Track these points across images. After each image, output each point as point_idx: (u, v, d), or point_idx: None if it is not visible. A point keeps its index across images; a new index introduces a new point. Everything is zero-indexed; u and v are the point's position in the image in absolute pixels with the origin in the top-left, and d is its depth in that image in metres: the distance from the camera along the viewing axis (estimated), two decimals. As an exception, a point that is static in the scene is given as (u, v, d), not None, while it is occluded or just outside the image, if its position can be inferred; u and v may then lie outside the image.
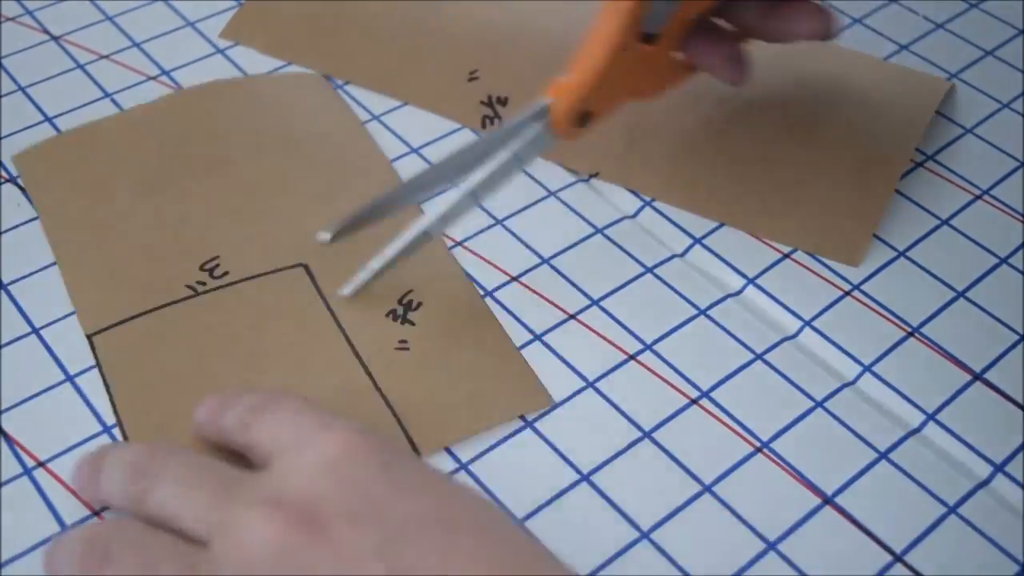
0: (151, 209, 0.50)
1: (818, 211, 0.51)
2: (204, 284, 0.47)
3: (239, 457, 0.39)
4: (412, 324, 0.46)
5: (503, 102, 0.55)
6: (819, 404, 0.45)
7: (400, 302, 0.47)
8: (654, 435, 0.43)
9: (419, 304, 0.47)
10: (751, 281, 0.49)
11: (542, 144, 0.47)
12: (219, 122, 0.54)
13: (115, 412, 0.43)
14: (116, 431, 0.42)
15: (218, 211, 0.50)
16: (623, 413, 0.44)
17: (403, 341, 0.45)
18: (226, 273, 0.47)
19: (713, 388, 0.45)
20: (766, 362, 0.46)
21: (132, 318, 0.45)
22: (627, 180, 0.53)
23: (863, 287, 0.49)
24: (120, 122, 0.54)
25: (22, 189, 0.51)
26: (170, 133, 0.53)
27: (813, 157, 0.53)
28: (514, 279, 0.49)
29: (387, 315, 0.46)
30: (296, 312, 0.46)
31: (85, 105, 0.55)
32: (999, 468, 0.43)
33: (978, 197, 0.53)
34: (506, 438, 0.43)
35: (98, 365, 0.44)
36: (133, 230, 0.49)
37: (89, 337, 0.45)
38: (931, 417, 0.44)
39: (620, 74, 0.47)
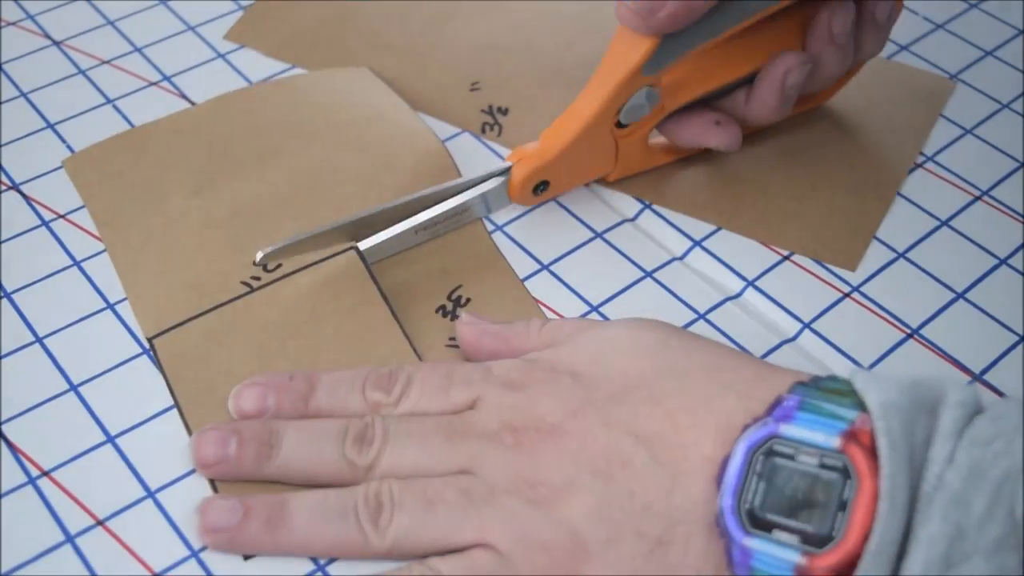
0: (202, 208, 0.50)
1: (817, 217, 0.51)
2: (259, 279, 0.47)
3: None
4: None
5: (504, 111, 0.56)
6: (818, 408, 0.45)
7: (449, 297, 0.47)
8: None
9: (468, 300, 0.47)
10: (750, 283, 0.49)
11: (499, 202, 0.50)
12: (266, 118, 0.55)
13: (180, 414, 0.43)
14: (120, 440, 0.42)
15: (268, 203, 0.50)
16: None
17: (453, 339, 0.46)
18: (279, 266, 0.48)
19: (713, 392, 0.45)
20: (766, 366, 0.46)
21: (190, 320, 0.46)
22: (626, 188, 0.53)
23: (862, 288, 0.49)
24: (168, 124, 0.54)
25: (25, 197, 0.51)
26: (218, 132, 0.54)
27: (814, 163, 0.53)
28: (514, 284, 0.49)
29: (436, 311, 0.47)
30: (351, 303, 0.46)
31: (87, 111, 0.55)
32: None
33: (978, 198, 0.53)
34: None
35: (159, 368, 0.45)
36: (186, 230, 0.49)
37: (149, 340, 0.45)
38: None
39: (587, 154, 0.49)
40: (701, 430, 0.37)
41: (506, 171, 0.49)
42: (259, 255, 0.45)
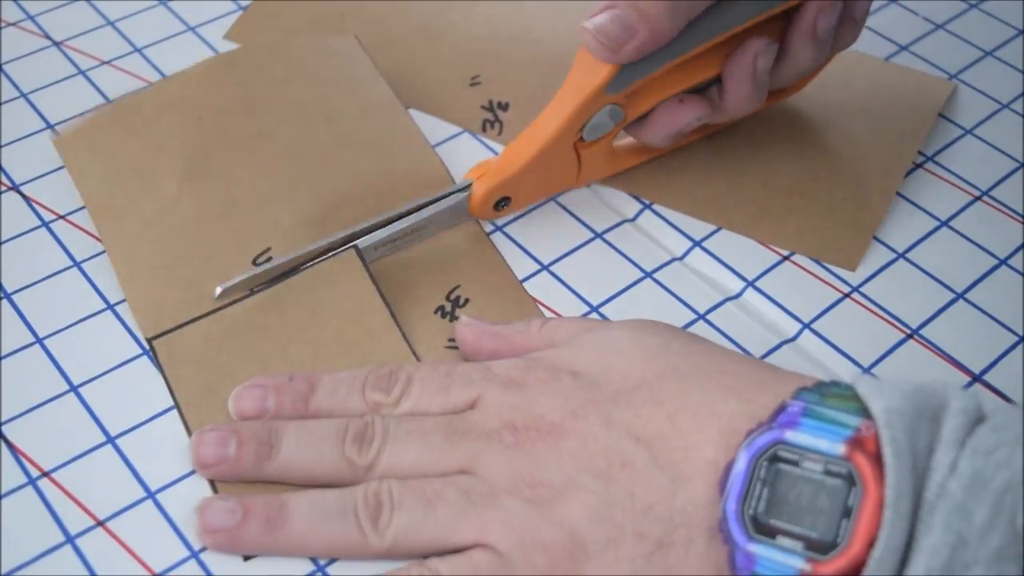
0: (197, 196, 0.50)
1: (817, 217, 0.51)
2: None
3: None
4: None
5: (504, 107, 0.56)
6: (818, 408, 0.45)
7: (448, 298, 0.47)
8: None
9: (467, 300, 0.47)
10: (750, 284, 0.49)
11: (460, 216, 0.49)
12: (257, 91, 0.54)
13: (181, 416, 0.43)
14: (120, 441, 0.42)
15: (264, 194, 0.50)
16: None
17: (453, 340, 0.46)
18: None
19: (713, 393, 0.45)
20: (765, 366, 0.46)
21: (189, 322, 0.46)
22: (626, 187, 0.53)
23: (862, 289, 0.49)
24: (158, 95, 0.54)
25: (25, 197, 0.51)
26: (209, 105, 0.53)
27: (813, 163, 0.53)
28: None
29: (435, 311, 0.47)
30: (351, 308, 0.46)
31: (87, 111, 0.55)
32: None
33: (978, 198, 0.53)
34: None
35: (159, 368, 0.45)
36: (181, 221, 0.49)
37: (149, 341, 0.45)
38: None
39: (549, 169, 0.49)
40: (703, 433, 0.38)
41: (467, 187, 0.49)
42: (218, 290, 0.45)
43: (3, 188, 0.52)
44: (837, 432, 0.34)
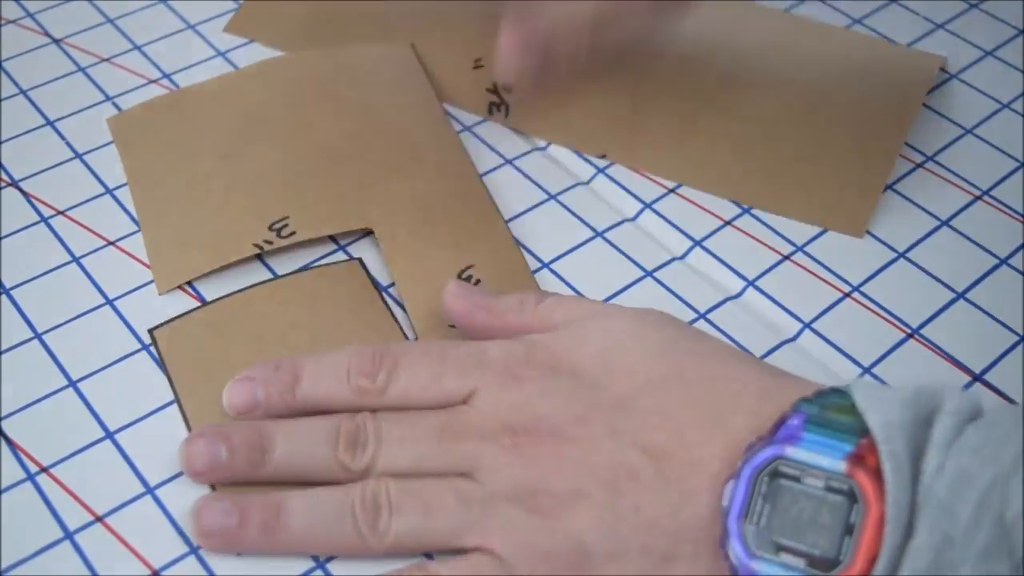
0: (229, 170, 0.51)
1: (821, 184, 0.52)
2: (271, 243, 0.48)
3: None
4: None
5: (508, 88, 0.56)
6: (819, 407, 0.45)
7: (460, 276, 0.47)
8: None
9: (478, 281, 0.47)
10: (751, 283, 0.49)
11: None
12: (305, 89, 0.56)
13: (179, 406, 0.43)
14: (119, 436, 0.42)
15: (293, 173, 0.51)
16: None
17: None
18: (293, 233, 0.48)
19: (713, 391, 0.45)
20: (766, 365, 0.46)
21: (190, 311, 0.46)
22: (631, 160, 0.53)
23: (862, 288, 0.49)
24: (213, 86, 0.56)
25: (24, 193, 0.51)
26: (258, 99, 0.55)
27: (815, 132, 0.54)
28: (514, 282, 0.49)
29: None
30: (352, 303, 0.47)
31: (86, 108, 0.55)
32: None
33: (978, 198, 0.53)
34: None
35: (159, 358, 0.45)
36: (210, 192, 0.50)
37: (150, 331, 0.45)
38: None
39: None
40: (709, 448, 0.37)
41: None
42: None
43: (2, 184, 0.52)
44: (838, 448, 0.34)
